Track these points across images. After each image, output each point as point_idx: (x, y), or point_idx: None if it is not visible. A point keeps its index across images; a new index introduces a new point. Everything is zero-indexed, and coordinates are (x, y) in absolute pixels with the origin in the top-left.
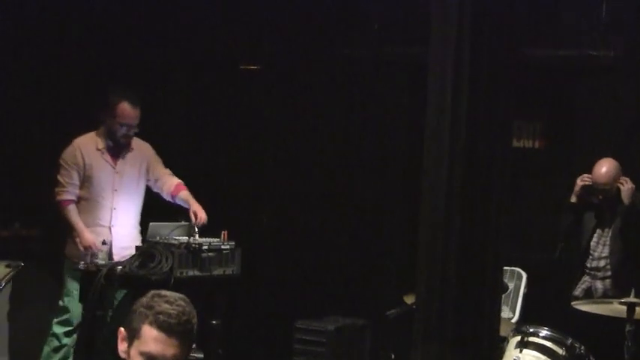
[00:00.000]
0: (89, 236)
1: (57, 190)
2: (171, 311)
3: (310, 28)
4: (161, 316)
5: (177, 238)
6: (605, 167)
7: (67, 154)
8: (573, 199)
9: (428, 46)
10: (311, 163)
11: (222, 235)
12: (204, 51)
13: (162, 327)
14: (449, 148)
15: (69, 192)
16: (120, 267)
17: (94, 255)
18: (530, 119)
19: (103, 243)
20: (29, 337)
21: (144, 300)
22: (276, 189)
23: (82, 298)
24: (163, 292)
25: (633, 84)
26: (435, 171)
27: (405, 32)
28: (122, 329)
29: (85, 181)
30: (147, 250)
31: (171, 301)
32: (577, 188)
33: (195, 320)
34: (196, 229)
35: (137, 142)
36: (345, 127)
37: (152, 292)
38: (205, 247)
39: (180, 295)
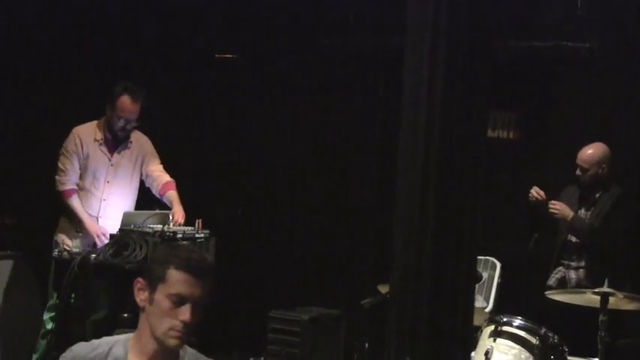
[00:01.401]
0: (93, 226)
1: (58, 178)
2: (194, 255)
3: (286, 17)
4: (187, 261)
5: (151, 226)
6: (592, 149)
7: (68, 142)
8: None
9: (404, 37)
10: (286, 154)
11: (197, 224)
12: (180, 40)
13: (188, 269)
14: (424, 139)
15: (70, 181)
16: (94, 255)
17: (65, 244)
18: (506, 110)
19: (77, 231)
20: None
21: (162, 250)
22: (252, 178)
23: (56, 287)
24: (177, 243)
25: (609, 75)
26: (410, 162)
27: (382, 23)
28: (140, 279)
29: (81, 170)
30: (121, 239)
31: (190, 249)
32: (529, 199)
33: (212, 263)
34: (171, 222)
35: (136, 136)
36: (321, 118)
37: (166, 244)
38: (179, 236)
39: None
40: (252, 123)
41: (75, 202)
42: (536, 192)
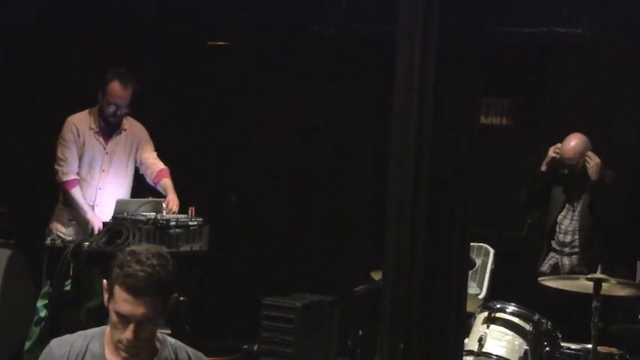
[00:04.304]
0: (95, 218)
1: (60, 169)
2: (139, 273)
3: (279, 4)
4: (129, 280)
5: (144, 214)
6: (573, 142)
7: (65, 131)
8: (544, 168)
9: (396, 24)
10: (280, 140)
11: (190, 212)
12: (172, 27)
13: (129, 289)
14: (416, 126)
15: (72, 171)
16: (87, 243)
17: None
18: (499, 96)
19: (70, 219)
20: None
21: (120, 257)
22: (245, 165)
23: (49, 274)
24: (138, 249)
25: (602, 61)
26: (403, 148)
27: (374, 9)
28: (105, 281)
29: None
30: (114, 227)
31: (142, 261)
32: (548, 158)
33: (167, 276)
34: (164, 210)
35: (130, 123)
36: (313, 104)
37: (129, 248)
38: (173, 224)
39: (155, 251)
40: (244, 109)
41: (77, 193)
42: (553, 150)
